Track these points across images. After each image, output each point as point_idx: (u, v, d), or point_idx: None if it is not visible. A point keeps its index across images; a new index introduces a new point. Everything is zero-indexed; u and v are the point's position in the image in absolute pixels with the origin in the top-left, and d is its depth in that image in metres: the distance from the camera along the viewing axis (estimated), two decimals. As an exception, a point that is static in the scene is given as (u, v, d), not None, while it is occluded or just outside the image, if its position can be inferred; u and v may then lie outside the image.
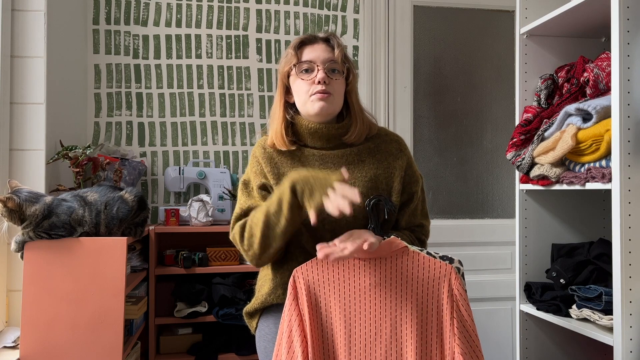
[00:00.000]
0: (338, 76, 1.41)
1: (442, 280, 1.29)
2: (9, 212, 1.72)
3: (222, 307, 2.40)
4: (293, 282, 1.33)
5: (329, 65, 1.40)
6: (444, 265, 1.29)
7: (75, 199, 1.83)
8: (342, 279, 1.31)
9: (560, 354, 2.05)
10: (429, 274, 1.29)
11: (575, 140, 1.70)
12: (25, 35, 2.00)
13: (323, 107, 1.39)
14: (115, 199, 1.88)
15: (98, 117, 2.69)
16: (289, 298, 1.32)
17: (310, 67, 1.40)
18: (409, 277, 1.29)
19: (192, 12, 2.79)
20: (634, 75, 1.52)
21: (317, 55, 1.40)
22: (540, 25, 1.97)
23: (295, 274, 1.33)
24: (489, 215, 2.98)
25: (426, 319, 1.28)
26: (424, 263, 1.30)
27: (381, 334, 1.28)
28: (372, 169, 1.43)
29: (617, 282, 1.52)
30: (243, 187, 1.48)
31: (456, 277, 1.29)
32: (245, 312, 1.51)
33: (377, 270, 1.30)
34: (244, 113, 2.82)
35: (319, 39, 1.43)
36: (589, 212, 2.10)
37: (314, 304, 1.31)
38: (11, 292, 1.95)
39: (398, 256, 1.30)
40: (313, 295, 1.31)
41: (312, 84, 1.39)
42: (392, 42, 2.89)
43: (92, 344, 1.76)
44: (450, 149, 2.98)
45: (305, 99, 1.40)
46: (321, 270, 1.32)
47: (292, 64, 1.42)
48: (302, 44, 1.43)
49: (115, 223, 1.86)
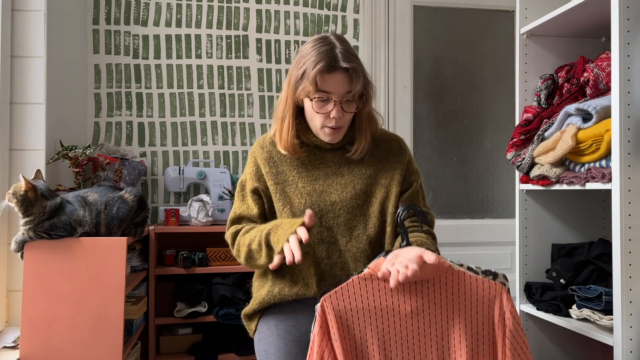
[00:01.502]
0: (352, 106, 1.37)
1: (492, 303, 1.15)
2: (23, 199, 1.71)
3: (222, 307, 2.40)
4: (322, 312, 1.18)
5: (345, 97, 1.34)
6: (494, 285, 1.16)
7: (77, 199, 1.83)
8: (378, 306, 1.17)
9: (560, 354, 2.04)
10: (478, 295, 1.16)
11: (575, 140, 1.70)
12: (25, 35, 2.00)
13: (333, 139, 1.41)
14: (115, 199, 1.88)
15: (98, 117, 2.69)
16: (317, 329, 1.18)
17: (327, 97, 1.34)
18: (456, 301, 1.16)
19: (192, 12, 2.79)
20: (634, 75, 1.52)
21: (335, 87, 1.32)
22: (540, 25, 1.97)
23: (323, 303, 1.18)
24: (489, 215, 2.98)
25: (477, 347, 1.15)
26: (471, 284, 1.16)
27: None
28: (372, 167, 1.44)
29: (617, 282, 1.52)
30: (240, 189, 1.49)
31: (508, 297, 1.15)
32: (244, 314, 1.51)
33: (419, 294, 1.16)
34: (244, 113, 2.82)
35: (340, 68, 1.32)
36: (589, 212, 2.10)
37: (346, 336, 1.17)
38: (11, 292, 1.95)
39: (442, 277, 1.16)
40: (345, 327, 1.17)
41: (325, 117, 1.36)
42: (392, 42, 2.89)
43: (92, 344, 1.76)
44: (450, 149, 2.98)
45: (316, 126, 1.40)
46: (353, 298, 1.17)
47: (309, 93, 1.34)
48: (321, 71, 1.32)
49: (115, 223, 1.86)
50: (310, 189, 1.40)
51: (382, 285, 1.17)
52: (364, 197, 1.40)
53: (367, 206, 1.40)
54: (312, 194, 1.40)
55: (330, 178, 1.42)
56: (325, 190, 1.40)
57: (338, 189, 1.41)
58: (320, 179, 1.42)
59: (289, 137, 1.40)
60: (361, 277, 1.18)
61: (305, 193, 1.40)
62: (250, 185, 1.45)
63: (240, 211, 1.47)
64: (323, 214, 1.38)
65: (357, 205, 1.39)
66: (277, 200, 1.42)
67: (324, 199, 1.39)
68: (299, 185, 1.41)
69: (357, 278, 1.18)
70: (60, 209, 1.77)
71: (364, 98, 1.38)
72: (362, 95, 1.38)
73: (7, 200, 1.73)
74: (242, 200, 1.48)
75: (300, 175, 1.42)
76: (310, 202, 1.39)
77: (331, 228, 1.38)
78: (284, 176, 1.43)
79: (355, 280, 1.18)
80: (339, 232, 1.38)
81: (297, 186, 1.41)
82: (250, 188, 1.45)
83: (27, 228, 1.75)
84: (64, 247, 1.76)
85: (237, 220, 1.47)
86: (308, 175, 1.42)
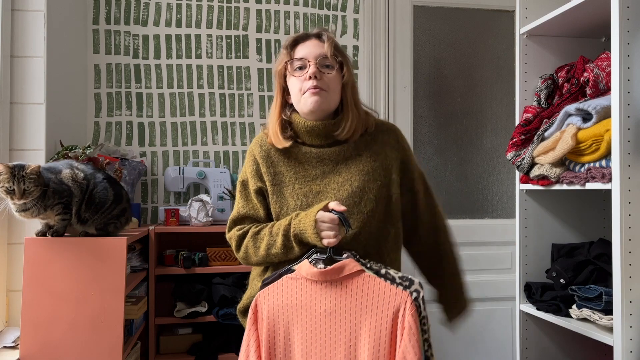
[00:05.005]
0: (331, 71, 1.40)
1: (397, 310, 1.23)
2: (37, 178, 1.64)
3: (222, 307, 2.39)
4: (255, 306, 1.31)
5: (321, 60, 1.39)
6: (400, 293, 1.24)
7: (65, 163, 1.81)
8: (300, 303, 1.28)
9: (560, 354, 2.05)
10: (384, 301, 1.24)
11: (575, 140, 1.70)
12: (25, 35, 2.00)
13: (316, 101, 1.37)
14: (100, 179, 1.83)
15: (98, 117, 2.69)
16: (249, 323, 1.31)
17: (303, 64, 1.39)
18: (364, 305, 1.25)
19: (192, 12, 2.79)
20: (634, 75, 1.52)
21: (309, 51, 1.40)
22: (540, 25, 1.97)
23: (257, 298, 1.32)
24: (489, 215, 2.98)
25: (378, 352, 1.21)
26: (379, 289, 1.25)
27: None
28: (370, 162, 1.43)
29: (617, 282, 1.52)
30: (241, 188, 1.48)
31: (410, 306, 1.22)
32: (238, 310, 1.51)
33: (333, 295, 1.26)
34: (244, 113, 2.82)
35: (311, 36, 1.43)
36: (589, 212, 2.10)
37: (272, 330, 1.29)
38: (11, 292, 1.95)
39: (353, 281, 1.26)
40: (272, 322, 1.29)
41: (304, 81, 1.38)
42: (392, 42, 2.89)
43: (92, 344, 1.76)
44: (450, 149, 2.98)
45: (299, 96, 1.40)
46: (282, 295, 1.30)
47: (285, 61, 1.42)
48: (295, 42, 1.43)
49: (95, 202, 1.80)
50: (307, 190, 1.40)
51: (304, 284, 1.29)
52: (361, 194, 1.39)
53: (364, 204, 1.39)
54: (309, 194, 1.39)
55: (327, 177, 1.41)
56: (321, 190, 1.40)
57: (335, 187, 1.40)
58: (317, 179, 1.41)
59: (275, 127, 1.42)
60: (288, 277, 1.31)
61: (302, 195, 1.39)
62: (253, 185, 1.45)
63: (245, 211, 1.46)
64: None
65: (353, 203, 1.38)
66: (274, 202, 1.42)
67: (320, 200, 1.39)
68: (295, 186, 1.41)
69: (286, 278, 1.31)
70: (48, 171, 1.73)
71: (344, 69, 1.42)
72: (342, 66, 1.42)
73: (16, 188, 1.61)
74: (246, 200, 1.47)
75: (297, 176, 1.42)
76: (307, 204, 1.38)
77: None
78: (281, 177, 1.42)
79: (285, 279, 1.31)
80: None
81: (294, 187, 1.41)
82: (254, 188, 1.44)
83: (34, 209, 1.66)
84: (64, 247, 1.76)
85: (240, 220, 1.46)
86: (305, 176, 1.42)
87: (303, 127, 1.42)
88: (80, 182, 1.78)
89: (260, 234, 1.40)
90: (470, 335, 2.86)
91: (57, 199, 1.70)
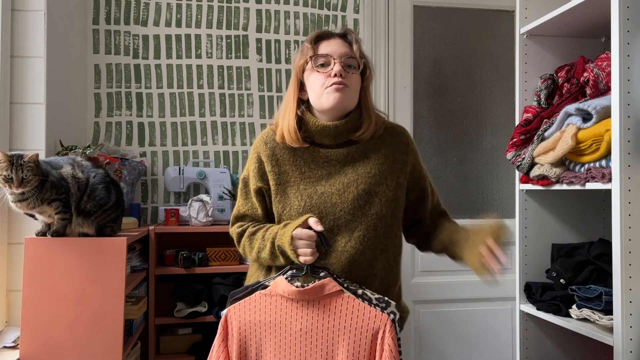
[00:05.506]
0: (354, 71, 1.40)
1: (376, 332, 1.22)
2: (36, 167, 1.63)
3: (222, 307, 2.39)
4: (224, 322, 1.29)
5: (346, 60, 1.38)
6: (380, 315, 1.24)
7: (67, 159, 1.81)
8: (274, 321, 1.26)
9: (560, 354, 2.04)
10: (363, 323, 1.23)
11: (575, 140, 1.70)
12: (25, 35, 2.00)
13: (339, 98, 1.36)
14: (102, 177, 1.82)
15: (98, 117, 2.69)
16: (218, 339, 1.28)
17: (327, 60, 1.38)
18: (342, 325, 1.24)
19: (192, 12, 2.79)
20: (634, 75, 1.52)
21: (334, 49, 1.39)
22: (540, 25, 1.97)
23: (228, 313, 1.29)
24: (489, 216, 2.98)
25: None
26: (358, 310, 1.24)
27: None
28: (377, 165, 1.42)
29: (617, 282, 1.52)
30: (242, 186, 1.49)
31: (390, 329, 1.22)
32: None
33: (309, 314, 1.24)
34: (244, 113, 2.82)
35: (335, 35, 1.42)
36: (589, 212, 2.10)
37: (243, 347, 1.26)
38: (11, 292, 1.95)
39: (331, 301, 1.25)
40: (244, 339, 1.26)
41: (327, 77, 1.37)
42: (392, 42, 2.89)
43: (92, 344, 1.76)
44: (450, 149, 2.98)
45: (321, 92, 1.38)
46: (254, 311, 1.27)
47: (309, 56, 1.39)
48: (318, 38, 1.42)
49: (94, 200, 1.79)
50: (312, 191, 1.39)
51: (279, 302, 1.26)
52: (366, 197, 1.38)
53: (368, 207, 1.38)
54: (313, 195, 1.38)
55: (333, 177, 1.40)
56: (326, 191, 1.39)
57: (340, 188, 1.38)
58: (322, 179, 1.40)
59: (294, 124, 1.39)
60: (262, 294, 1.28)
61: (306, 195, 1.38)
62: (254, 185, 1.44)
63: (244, 210, 1.47)
64: (323, 215, 1.37)
65: (358, 206, 1.37)
66: (277, 202, 1.41)
67: (324, 201, 1.37)
68: (300, 187, 1.39)
69: (259, 294, 1.28)
70: (48, 165, 1.72)
71: (367, 72, 1.43)
72: (365, 69, 1.42)
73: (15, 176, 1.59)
74: (246, 198, 1.47)
75: (303, 176, 1.40)
76: (310, 205, 1.37)
77: (331, 229, 1.36)
78: (286, 176, 1.41)
79: (258, 295, 1.28)
80: (339, 233, 1.37)
81: (299, 187, 1.39)
82: (254, 188, 1.44)
83: (31, 202, 1.65)
84: (64, 247, 1.76)
85: (240, 217, 1.49)
86: (311, 176, 1.40)
87: (314, 126, 1.40)
88: (80, 180, 1.77)
89: (256, 235, 1.40)
90: (470, 335, 2.86)
91: (54, 194, 1.70)
